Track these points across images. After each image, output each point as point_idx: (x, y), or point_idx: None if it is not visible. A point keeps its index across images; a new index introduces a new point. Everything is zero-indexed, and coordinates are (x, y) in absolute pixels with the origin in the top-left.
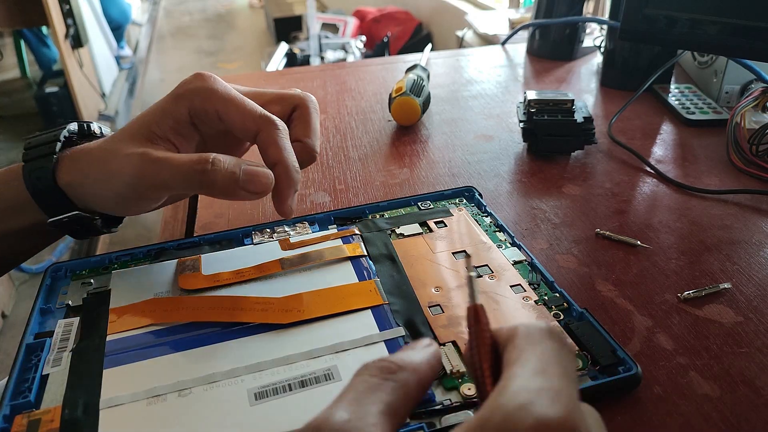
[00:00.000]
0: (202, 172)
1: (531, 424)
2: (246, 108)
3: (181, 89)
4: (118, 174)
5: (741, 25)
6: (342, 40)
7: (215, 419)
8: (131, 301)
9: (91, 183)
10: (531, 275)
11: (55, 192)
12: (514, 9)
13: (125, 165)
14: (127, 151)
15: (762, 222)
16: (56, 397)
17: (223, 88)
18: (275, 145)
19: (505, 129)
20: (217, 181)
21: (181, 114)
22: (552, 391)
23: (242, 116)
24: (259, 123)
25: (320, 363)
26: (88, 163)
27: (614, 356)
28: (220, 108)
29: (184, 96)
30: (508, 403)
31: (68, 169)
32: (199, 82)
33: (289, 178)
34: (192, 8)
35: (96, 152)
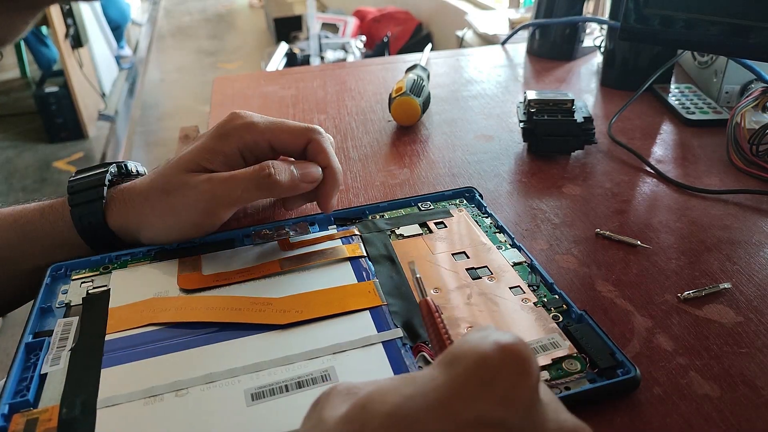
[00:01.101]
0: (268, 176)
1: (490, 344)
2: (291, 128)
3: (224, 129)
4: (194, 202)
5: (741, 25)
6: (342, 40)
7: (212, 419)
8: (131, 301)
9: (153, 221)
10: (531, 277)
11: (105, 232)
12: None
13: (197, 192)
14: (192, 181)
15: (762, 222)
16: (54, 396)
17: (261, 119)
18: (324, 152)
19: (505, 129)
20: (282, 180)
21: (231, 150)
22: (500, 332)
23: (292, 135)
24: (308, 134)
25: (318, 364)
26: (145, 202)
27: (613, 359)
28: (269, 136)
29: (230, 134)
30: (469, 338)
31: (120, 211)
32: (239, 120)
33: (336, 180)
34: (192, 8)
35: (153, 192)
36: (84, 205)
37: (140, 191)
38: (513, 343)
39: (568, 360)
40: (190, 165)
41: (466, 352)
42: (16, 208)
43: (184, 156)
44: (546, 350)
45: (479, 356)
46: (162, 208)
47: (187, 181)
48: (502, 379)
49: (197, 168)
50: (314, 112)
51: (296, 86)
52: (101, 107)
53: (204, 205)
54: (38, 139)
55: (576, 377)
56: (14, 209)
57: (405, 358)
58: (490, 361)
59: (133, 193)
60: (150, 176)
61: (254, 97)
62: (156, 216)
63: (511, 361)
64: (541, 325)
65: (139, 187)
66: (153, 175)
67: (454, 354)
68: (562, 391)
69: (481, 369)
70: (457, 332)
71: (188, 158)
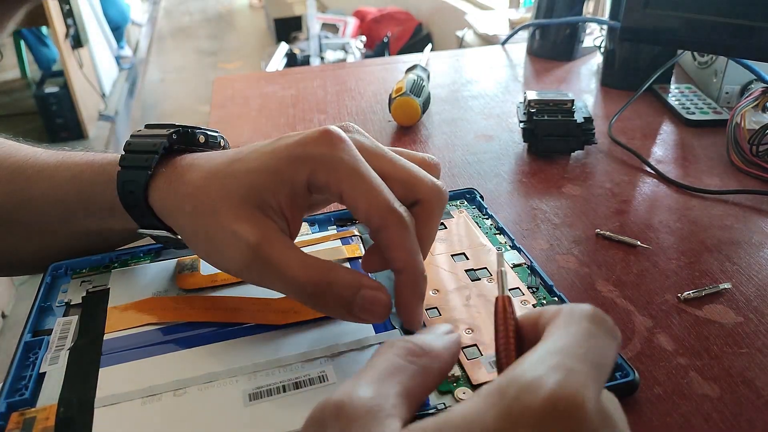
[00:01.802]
0: (314, 295)
1: (542, 397)
2: (375, 194)
3: (302, 150)
4: (222, 250)
5: (741, 25)
6: (342, 40)
7: (210, 419)
8: (130, 300)
9: (184, 235)
10: (530, 279)
11: (144, 209)
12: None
13: (232, 248)
14: (235, 228)
15: (762, 222)
16: (53, 395)
17: (351, 159)
18: (402, 248)
19: (505, 129)
20: (329, 306)
21: (299, 184)
22: (565, 369)
23: (368, 205)
24: (387, 219)
25: (315, 365)
26: (182, 209)
27: None
28: (345, 187)
29: (305, 162)
30: (521, 376)
31: (162, 193)
32: (325, 147)
33: (417, 288)
34: (192, 8)
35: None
36: (130, 170)
37: (187, 184)
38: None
39: None
40: (251, 193)
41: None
42: (75, 159)
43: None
44: None
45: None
46: (196, 237)
47: (228, 219)
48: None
49: (257, 200)
50: (314, 112)
51: (296, 86)
52: (101, 107)
53: (230, 265)
54: (38, 140)
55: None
56: (74, 159)
57: None
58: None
59: (180, 181)
60: (212, 167)
61: (254, 97)
62: (186, 235)
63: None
64: None
65: (190, 178)
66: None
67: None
68: None
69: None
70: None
71: (250, 180)
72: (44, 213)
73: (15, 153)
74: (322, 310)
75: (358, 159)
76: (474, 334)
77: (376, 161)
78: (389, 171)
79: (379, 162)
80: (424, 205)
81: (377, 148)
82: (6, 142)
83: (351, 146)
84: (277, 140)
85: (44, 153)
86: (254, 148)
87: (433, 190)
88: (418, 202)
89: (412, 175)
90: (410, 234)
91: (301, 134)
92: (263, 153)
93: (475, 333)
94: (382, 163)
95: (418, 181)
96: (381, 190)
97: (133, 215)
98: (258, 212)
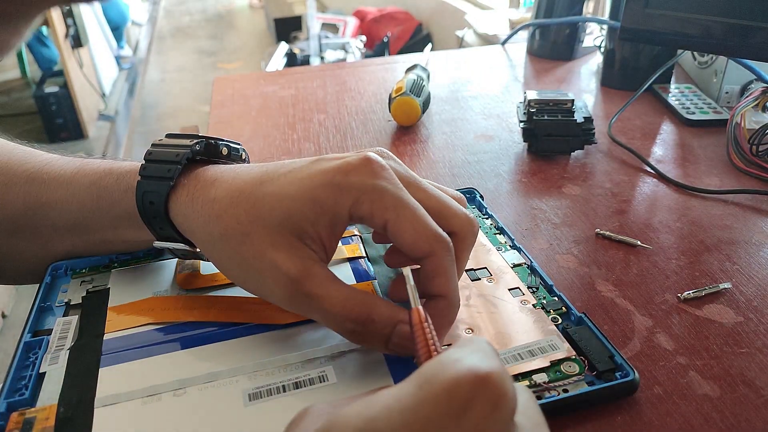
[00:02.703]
0: (355, 332)
1: (464, 372)
2: (422, 223)
3: (344, 179)
4: (261, 280)
5: (741, 25)
6: (342, 40)
7: (210, 419)
8: (130, 300)
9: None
10: (530, 279)
11: (164, 221)
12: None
13: (271, 279)
14: (273, 257)
15: (762, 222)
16: (52, 395)
17: (394, 188)
18: (445, 275)
19: (505, 129)
20: (366, 341)
21: (341, 214)
22: (481, 353)
23: (415, 235)
24: (433, 246)
25: (315, 365)
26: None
27: (611, 362)
28: (390, 216)
29: (348, 191)
30: (444, 358)
31: (183, 206)
32: (369, 177)
33: (451, 315)
34: (192, 8)
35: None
36: (151, 181)
37: (212, 202)
38: (489, 372)
39: (566, 362)
40: (289, 221)
41: (438, 375)
42: (94, 166)
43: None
44: (544, 352)
45: (451, 383)
46: (228, 262)
47: (265, 247)
48: (472, 411)
49: (295, 228)
50: (314, 112)
51: (296, 86)
52: (101, 107)
53: (268, 294)
54: (38, 140)
55: (574, 380)
56: (93, 167)
57: (403, 359)
58: (462, 390)
59: (204, 198)
60: (239, 186)
61: (254, 97)
62: (216, 259)
63: (484, 392)
64: (540, 327)
65: (216, 195)
66: (242, 189)
67: (427, 375)
68: (559, 393)
69: (451, 398)
70: (457, 333)
71: (288, 207)
72: (60, 219)
73: (31, 158)
74: (359, 343)
75: (401, 188)
76: (474, 334)
77: (411, 190)
78: (423, 200)
79: (413, 191)
80: (457, 237)
81: (412, 177)
82: (21, 147)
83: (393, 175)
84: (312, 163)
85: (61, 159)
86: (287, 169)
87: (467, 222)
88: (452, 233)
89: (446, 206)
90: (454, 260)
91: (340, 160)
92: (299, 178)
93: (476, 333)
94: (417, 193)
95: (451, 213)
96: (427, 219)
97: (152, 227)
98: (296, 241)
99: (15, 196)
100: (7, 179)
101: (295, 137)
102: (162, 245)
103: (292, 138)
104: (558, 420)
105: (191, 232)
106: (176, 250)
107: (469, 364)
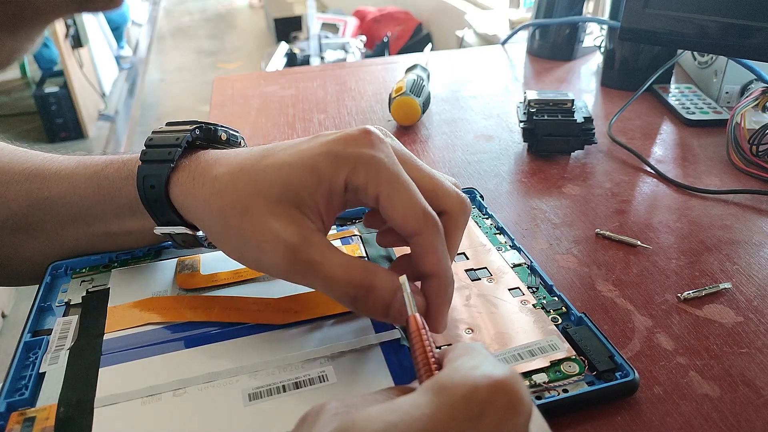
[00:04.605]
0: (357, 298)
1: (481, 378)
2: (412, 200)
3: (343, 149)
4: (260, 251)
5: (741, 25)
6: (342, 40)
7: (209, 419)
8: (130, 300)
9: (209, 233)
10: (530, 278)
11: (165, 204)
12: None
13: (270, 249)
14: (272, 226)
15: (762, 222)
16: (52, 394)
17: (391, 162)
18: (434, 253)
19: (505, 129)
20: (368, 308)
21: (338, 183)
22: (493, 362)
23: (405, 210)
24: (422, 224)
25: (315, 365)
26: (207, 206)
27: (611, 362)
28: (382, 191)
29: (346, 161)
30: (459, 366)
31: (184, 187)
32: (367, 147)
33: (446, 292)
34: (192, 8)
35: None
36: (152, 164)
37: (213, 180)
38: (505, 377)
39: (566, 362)
40: (289, 191)
41: (455, 382)
42: (95, 159)
43: (283, 165)
44: (544, 352)
45: (468, 389)
46: (226, 237)
47: (264, 216)
48: (490, 415)
49: (294, 197)
50: (314, 112)
51: (296, 86)
52: (101, 107)
53: (267, 266)
54: (38, 140)
55: (574, 380)
56: (93, 160)
57: (403, 360)
58: (479, 396)
59: (205, 177)
60: (240, 162)
61: (254, 97)
62: (214, 234)
63: (501, 396)
64: (540, 327)
65: (217, 173)
66: (242, 165)
67: (443, 383)
68: (559, 393)
69: (469, 403)
70: (457, 333)
71: (287, 177)
72: (63, 213)
73: (31, 158)
74: (360, 311)
75: (396, 163)
76: (474, 333)
77: (407, 168)
78: (417, 179)
79: (408, 169)
80: (449, 216)
81: (408, 155)
82: (20, 148)
83: (390, 149)
84: (312, 138)
85: (61, 156)
86: (287, 145)
87: (459, 201)
88: (444, 212)
89: (438, 185)
90: (443, 239)
91: (339, 133)
92: (299, 150)
93: (476, 333)
94: (411, 170)
95: (444, 191)
96: (418, 196)
97: (153, 211)
98: (295, 210)
99: (17, 193)
100: (9, 177)
101: (295, 137)
102: (163, 230)
103: (292, 138)
104: (558, 420)
105: (192, 212)
106: (177, 235)
107: (485, 371)
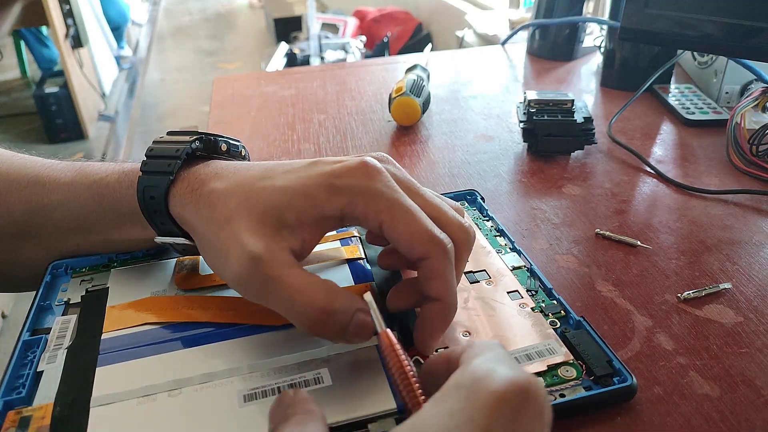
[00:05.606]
0: (314, 323)
1: (509, 382)
2: (418, 224)
3: (340, 181)
4: (225, 258)
5: (741, 25)
6: (342, 40)
7: (204, 420)
8: (129, 300)
9: (197, 236)
10: (529, 281)
11: (164, 215)
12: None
13: (233, 257)
14: (241, 237)
15: (762, 222)
16: (49, 394)
17: (390, 190)
18: (441, 278)
19: (505, 129)
20: (325, 332)
21: (332, 211)
22: (512, 364)
23: (410, 235)
24: (429, 248)
25: (311, 366)
26: (199, 216)
27: (609, 366)
28: (385, 218)
29: (343, 192)
30: (476, 369)
31: (182, 200)
32: (364, 179)
33: (445, 319)
34: (192, 8)
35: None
36: (152, 176)
37: (209, 193)
38: (530, 381)
39: (564, 367)
40: (271, 212)
41: (483, 385)
42: (95, 167)
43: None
44: (542, 356)
45: (500, 393)
46: (206, 244)
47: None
48: (522, 418)
49: (274, 219)
50: (314, 112)
51: (296, 86)
52: (101, 107)
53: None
54: (38, 140)
55: (571, 384)
56: (93, 168)
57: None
58: (513, 399)
59: (203, 189)
60: (238, 180)
61: (254, 97)
62: (198, 241)
63: (531, 400)
64: (538, 331)
65: (214, 187)
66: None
67: (469, 387)
68: (556, 398)
69: (505, 406)
70: (454, 336)
71: (274, 199)
72: (63, 220)
73: (30, 164)
74: (317, 334)
75: (397, 190)
76: (472, 336)
77: (409, 194)
78: (419, 206)
79: (411, 195)
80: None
81: (410, 182)
82: (19, 154)
83: (388, 177)
84: (311, 165)
85: (61, 163)
86: (286, 169)
87: (462, 231)
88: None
89: (442, 213)
90: (452, 263)
91: (337, 163)
92: (297, 176)
93: (473, 336)
94: (414, 198)
95: (448, 220)
96: (423, 220)
97: (153, 222)
98: (271, 228)
99: (16, 200)
100: (8, 185)
101: (295, 137)
102: (163, 240)
103: (292, 138)
104: (554, 424)
105: (188, 223)
106: (176, 245)
107: (510, 374)
